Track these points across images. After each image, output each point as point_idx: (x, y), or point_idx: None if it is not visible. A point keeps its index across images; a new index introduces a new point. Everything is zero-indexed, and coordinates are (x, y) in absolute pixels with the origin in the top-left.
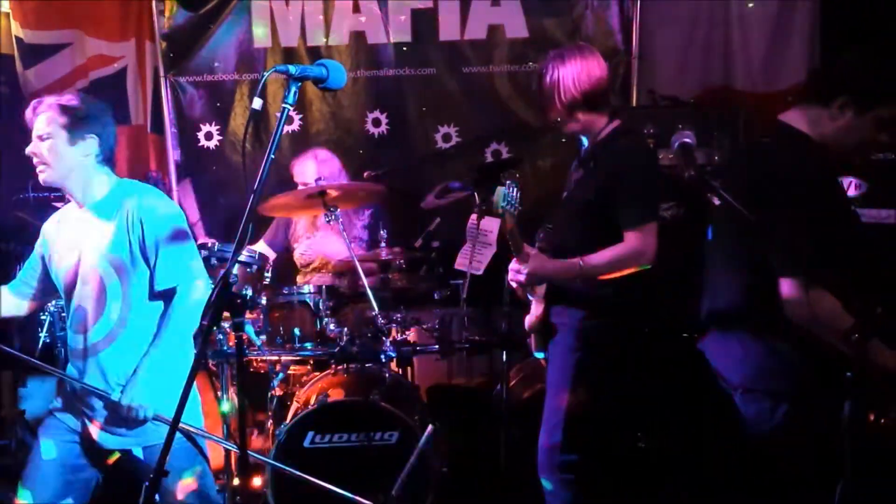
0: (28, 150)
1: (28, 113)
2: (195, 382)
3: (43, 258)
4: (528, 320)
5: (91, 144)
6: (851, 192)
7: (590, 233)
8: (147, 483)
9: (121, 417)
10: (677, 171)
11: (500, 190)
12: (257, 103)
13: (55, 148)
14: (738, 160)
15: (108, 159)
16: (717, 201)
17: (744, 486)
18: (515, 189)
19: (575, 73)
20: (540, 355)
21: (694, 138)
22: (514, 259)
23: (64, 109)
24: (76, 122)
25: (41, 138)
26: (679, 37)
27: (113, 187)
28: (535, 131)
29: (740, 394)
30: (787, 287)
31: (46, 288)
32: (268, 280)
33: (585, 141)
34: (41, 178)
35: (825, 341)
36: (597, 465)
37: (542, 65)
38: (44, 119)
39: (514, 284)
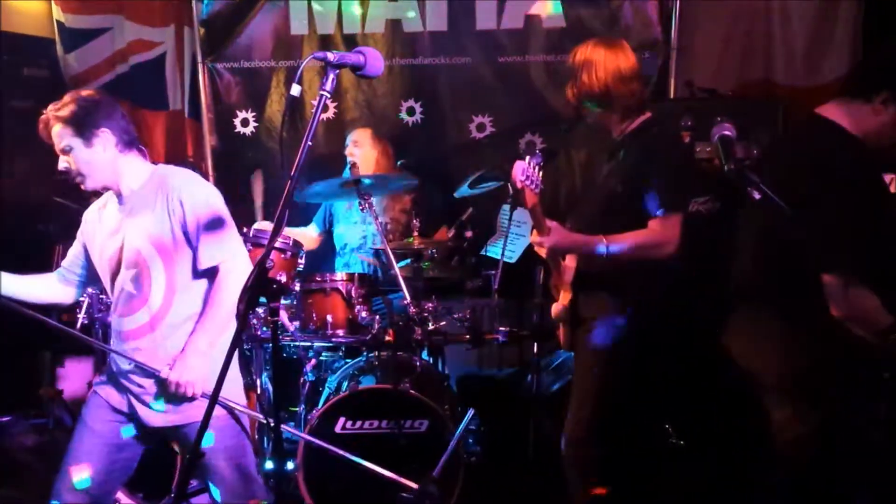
0: (59, 167)
1: (41, 133)
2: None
3: (85, 245)
4: (555, 309)
5: (106, 137)
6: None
7: (616, 224)
8: (187, 458)
9: (169, 395)
10: (715, 165)
11: (520, 164)
12: (296, 90)
13: (78, 157)
14: (774, 154)
15: (129, 144)
16: (756, 196)
17: (770, 485)
18: (537, 168)
19: (600, 62)
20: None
21: (734, 131)
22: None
23: (65, 121)
24: (81, 125)
25: (64, 152)
26: (719, 28)
27: (150, 172)
28: (570, 122)
29: (773, 393)
30: (826, 282)
31: (91, 274)
32: (301, 266)
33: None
34: (83, 188)
35: (862, 342)
36: (622, 458)
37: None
38: (55, 135)
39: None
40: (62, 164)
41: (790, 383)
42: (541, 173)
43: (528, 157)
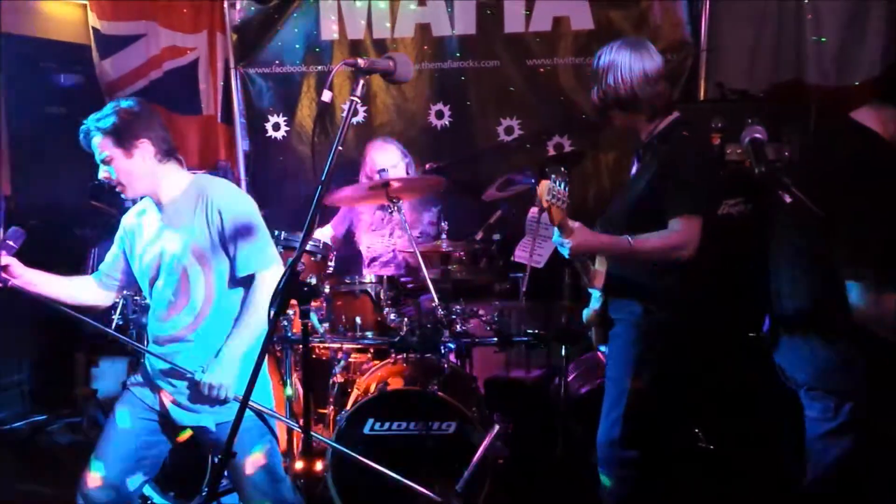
0: (100, 176)
1: (82, 143)
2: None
3: (124, 251)
4: (587, 314)
5: (145, 148)
6: None
7: (643, 225)
8: (217, 458)
9: (202, 396)
10: (746, 167)
11: (546, 184)
12: (327, 96)
13: (119, 167)
14: (806, 157)
15: (168, 153)
16: (787, 198)
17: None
18: (563, 184)
19: (624, 64)
20: (602, 349)
21: (765, 133)
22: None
23: (105, 131)
24: (121, 136)
25: (105, 163)
26: (749, 29)
27: (189, 182)
28: (599, 125)
29: (805, 391)
30: (853, 287)
31: (129, 279)
32: (331, 269)
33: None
34: (124, 196)
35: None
36: (656, 461)
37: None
38: (96, 145)
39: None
40: (102, 173)
41: (819, 382)
42: (567, 189)
43: (552, 175)
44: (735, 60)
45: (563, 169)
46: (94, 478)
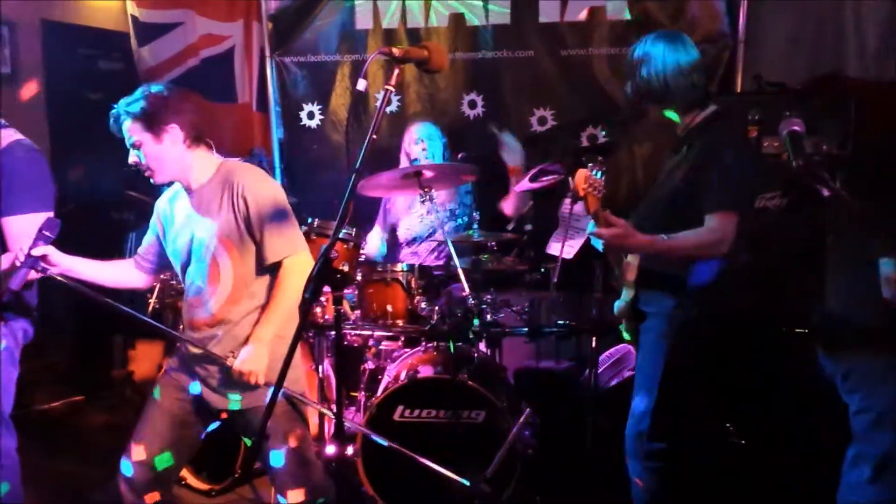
0: (130, 161)
1: (112, 128)
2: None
3: (158, 235)
4: (618, 306)
5: (175, 133)
6: None
7: (678, 221)
8: (251, 442)
9: (233, 381)
10: (783, 160)
11: (583, 172)
12: (361, 85)
13: (148, 151)
14: (862, 154)
15: (197, 139)
16: (825, 192)
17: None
18: (600, 173)
19: (658, 57)
20: (628, 337)
21: (803, 126)
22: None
23: (135, 116)
24: (151, 121)
25: (134, 147)
26: (788, 20)
27: (217, 168)
28: (628, 115)
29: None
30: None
31: (163, 262)
32: (363, 257)
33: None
34: (153, 181)
35: None
36: (685, 454)
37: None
38: (126, 130)
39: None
40: (132, 158)
41: (860, 370)
42: (604, 178)
43: (590, 164)
44: (773, 53)
45: (600, 158)
46: (134, 458)
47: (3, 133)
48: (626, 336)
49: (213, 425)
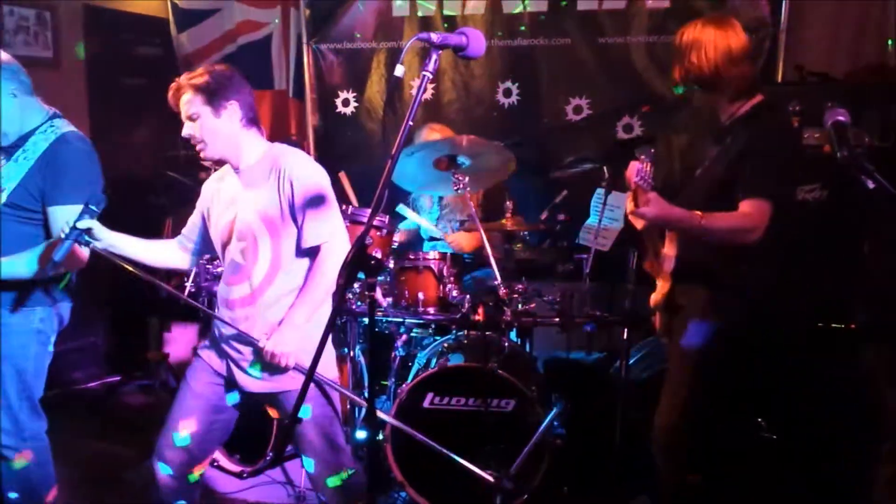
0: (183, 133)
1: (170, 99)
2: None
3: (203, 215)
4: (654, 298)
5: (233, 110)
6: None
7: (719, 211)
8: (285, 422)
9: (264, 363)
10: (825, 152)
11: (635, 164)
12: (399, 70)
13: (205, 125)
14: None
15: (252, 121)
16: (871, 184)
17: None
18: (649, 164)
19: (709, 42)
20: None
21: (848, 116)
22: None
23: (198, 88)
24: (213, 95)
25: (191, 119)
26: (830, 9)
27: (265, 150)
28: (671, 105)
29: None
30: None
31: (206, 243)
32: (395, 245)
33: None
34: (202, 155)
35: None
36: (714, 448)
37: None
38: (185, 101)
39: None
40: (186, 130)
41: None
42: (652, 170)
43: (641, 156)
44: (815, 42)
45: (651, 150)
46: (169, 441)
47: (57, 124)
48: (658, 329)
49: (233, 398)
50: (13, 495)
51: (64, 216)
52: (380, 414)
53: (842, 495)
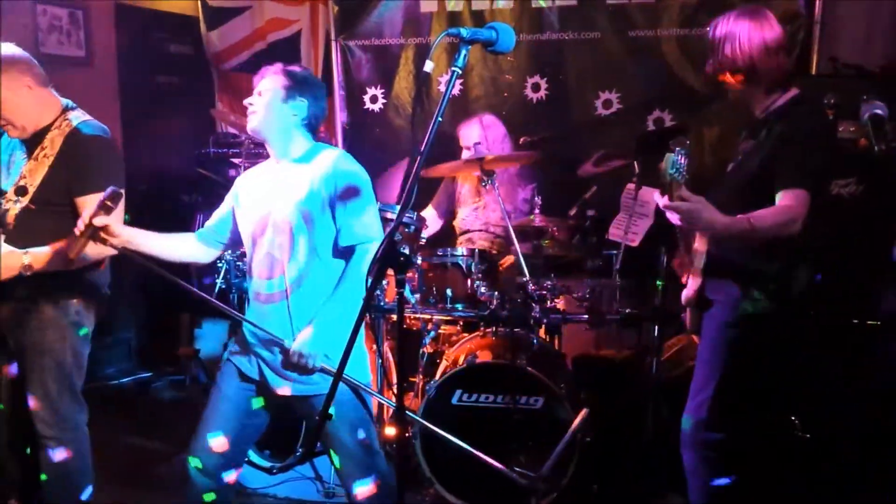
0: (246, 100)
1: (257, 77)
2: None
3: (233, 208)
4: (685, 294)
5: (301, 106)
6: None
7: (753, 209)
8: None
9: (290, 364)
10: (860, 146)
11: (669, 156)
12: (429, 66)
13: (270, 102)
14: None
15: (312, 126)
16: None
17: None
18: (684, 156)
19: (743, 34)
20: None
21: (886, 110)
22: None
23: (287, 72)
24: (293, 84)
25: (260, 94)
26: (865, 0)
27: (310, 147)
28: (702, 99)
29: None
30: None
31: (233, 237)
32: (423, 241)
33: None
34: (249, 122)
35: None
36: (742, 446)
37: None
38: (268, 78)
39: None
40: (250, 98)
41: None
42: (687, 162)
43: (677, 148)
44: (850, 34)
45: (687, 142)
46: (202, 445)
47: (72, 115)
48: (689, 326)
49: (259, 402)
50: (50, 485)
51: (93, 204)
52: (410, 413)
53: (874, 493)
